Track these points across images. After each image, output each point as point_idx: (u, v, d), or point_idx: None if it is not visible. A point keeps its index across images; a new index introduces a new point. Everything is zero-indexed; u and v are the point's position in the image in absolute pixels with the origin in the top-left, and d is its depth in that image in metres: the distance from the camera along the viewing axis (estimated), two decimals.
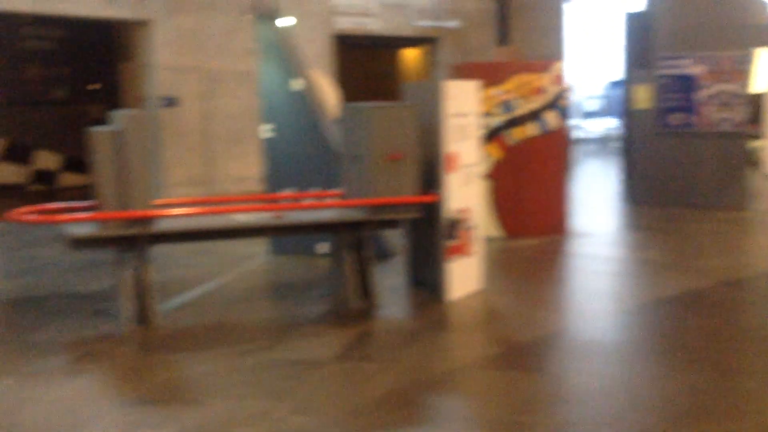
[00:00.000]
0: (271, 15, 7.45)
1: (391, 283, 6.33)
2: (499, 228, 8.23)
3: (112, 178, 5.14)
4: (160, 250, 5.91)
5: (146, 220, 5.22)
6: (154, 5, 11.36)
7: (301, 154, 7.36)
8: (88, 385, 4.37)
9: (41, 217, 5.30)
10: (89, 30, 13.24)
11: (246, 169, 12.27)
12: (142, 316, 5.37)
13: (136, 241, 5.27)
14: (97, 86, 14.13)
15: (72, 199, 10.55)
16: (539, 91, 8.18)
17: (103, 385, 4.43)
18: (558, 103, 8.28)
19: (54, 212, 5.55)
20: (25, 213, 5.31)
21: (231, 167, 12.22)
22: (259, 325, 5.64)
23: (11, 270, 7.47)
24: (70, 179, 13.80)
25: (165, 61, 11.55)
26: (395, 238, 7.13)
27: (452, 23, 14.47)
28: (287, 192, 7.27)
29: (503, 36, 14.75)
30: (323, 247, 7.28)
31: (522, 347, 4.95)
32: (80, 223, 5.27)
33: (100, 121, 13.16)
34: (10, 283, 6.85)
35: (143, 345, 5.10)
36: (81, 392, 4.26)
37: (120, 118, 5.24)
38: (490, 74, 8.02)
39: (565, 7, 16.29)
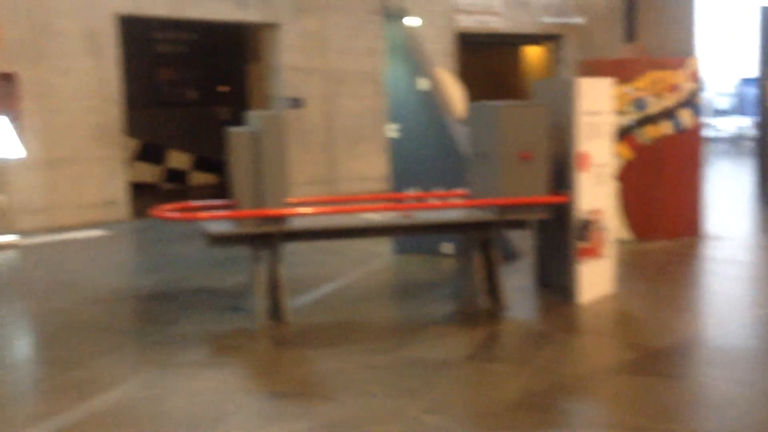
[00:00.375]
0: (399, 14, 7.51)
1: (517, 284, 6.26)
2: (628, 230, 8.01)
3: (248, 178, 5.30)
4: (288, 248, 6.04)
5: (280, 219, 5.35)
6: (281, 8, 11.65)
7: (425, 154, 7.38)
8: (226, 378, 4.51)
9: (182, 215, 5.51)
10: (219, 33, 13.70)
11: (367, 169, 12.42)
12: (275, 312, 5.51)
13: (270, 238, 5.42)
14: (226, 88, 14.60)
15: (201, 197, 10.96)
16: (673, 88, 7.91)
17: (240, 378, 4.57)
18: (693, 101, 7.99)
19: (194, 210, 5.77)
20: (168, 210, 5.54)
21: (352, 167, 12.39)
22: (387, 323, 5.69)
23: (150, 265, 7.82)
24: (199, 178, 14.33)
25: (291, 62, 11.82)
26: (520, 239, 7.04)
27: (577, 19, 14.20)
28: (411, 191, 7.30)
29: (630, 32, 14.35)
30: (448, 247, 7.27)
31: (657, 352, 4.80)
32: (218, 220, 5.46)
33: (229, 122, 13.61)
34: (150, 278, 7.17)
35: (276, 340, 5.23)
36: (220, 384, 4.40)
37: (256, 118, 5.40)
38: (620, 71, 7.80)
39: (696, 1, 15.68)
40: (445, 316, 5.65)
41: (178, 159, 14.14)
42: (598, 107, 5.76)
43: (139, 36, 12.77)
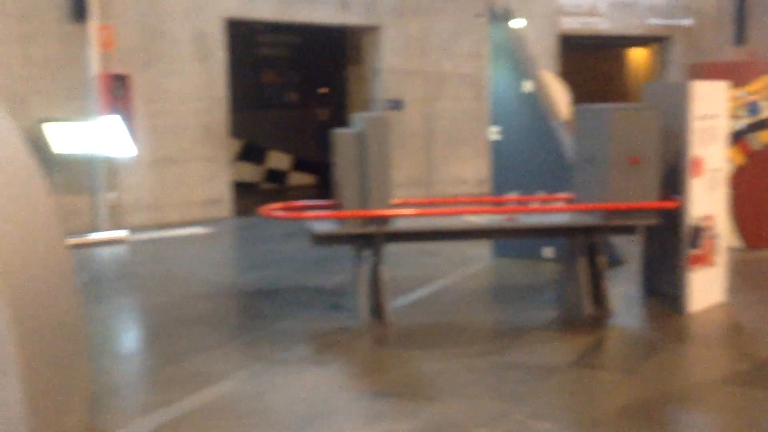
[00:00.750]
0: (505, 16, 7.45)
1: (623, 291, 6.11)
2: (739, 238, 7.72)
3: (352, 178, 5.35)
4: (388, 249, 6.07)
5: (383, 219, 5.38)
6: (384, 10, 11.72)
7: (528, 157, 7.29)
8: (329, 375, 4.56)
9: (289, 214, 5.61)
10: (320, 36, 13.88)
11: (465, 172, 12.37)
12: (376, 312, 5.54)
13: (373, 239, 5.45)
14: (326, 90, 14.79)
15: (299, 197, 11.12)
16: None
17: (343, 376, 4.61)
18: None
19: (298, 209, 5.86)
20: (275, 209, 5.64)
21: (450, 169, 12.36)
22: (488, 327, 5.64)
23: (253, 262, 7.98)
24: (298, 178, 14.55)
25: (392, 64, 11.88)
26: (625, 245, 6.88)
27: (686, 21, 13.78)
28: (512, 195, 7.23)
29: (740, 34, 13.84)
30: (549, 251, 7.17)
31: None
32: (322, 220, 5.53)
33: (328, 124, 13.75)
34: (253, 275, 7.32)
35: (378, 340, 5.26)
36: (323, 381, 4.45)
37: (361, 120, 5.44)
38: (732, 74, 7.51)
39: None
40: (548, 321, 5.56)
41: (279, 159, 14.39)
42: (712, 111, 5.58)
43: (243, 39, 13.06)
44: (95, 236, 8.81)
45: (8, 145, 3.52)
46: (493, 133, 7.49)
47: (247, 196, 11.93)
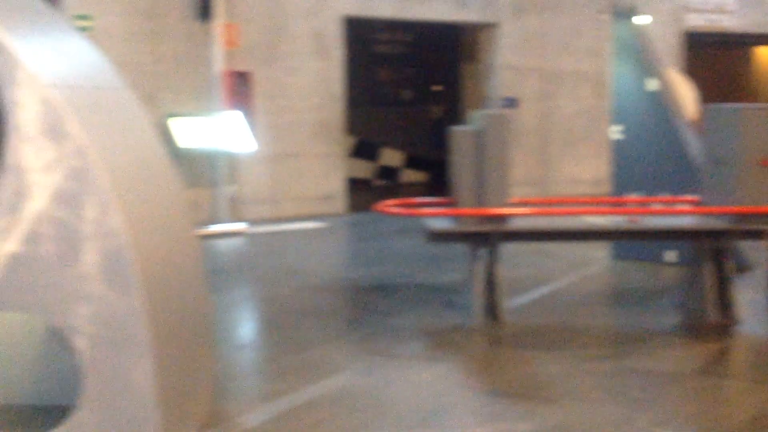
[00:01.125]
0: (629, 13, 7.25)
1: (750, 297, 5.85)
2: None
3: (469, 176, 5.32)
4: (503, 248, 6.01)
5: (501, 218, 5.32)
6: (501, 7, 11.62)
7: (651, 157, 7.07)
8: (444, 373, 4.55)
9: (405, 210, 5.63)
10: (436, 33, 13.89)
11: (581, 171, 12.12)
12: (491, 311, 5.50)
13: (489, 237, 5.40)
14: (439, 88, 14.78)
15: (411, 194, 11.15)
16: None
17: (459, 374, 4.59)
18: None
19: (414, 206, 5.87)
20: (391, 206, 5.67)
21: (566, 169, 12.14)
22: (607, 330, 5.51)
23: (367, 257, 8.06)
24: (410, 176, 14.60)
25: (507, 61, 11.76)
26: (753, 250, 6.58)
27: None
28: (633, 196, 7.02)
29: None
30: (672, 255, 6.93)
31: None
32: (438, 217, 5.52)
33: (441, 121, 13.73)
34: (367, 270, 7.39)
35: (493, 339, 5.21)
36: (439, 378, 4.44)
37: (480, 117, 5.40)
38: None
39: None
40: (670, 327, 5.38)
41: (391, 156, 14.48)
42: None
43: (360, 37, 13.20)
44: (216, 228, 9.09)
45: (145, 139, 3.67)
46: (615, 132, 7.30)
47: (359, 193, 12.06)
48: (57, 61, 3.23)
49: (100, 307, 2.97)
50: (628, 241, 6.89)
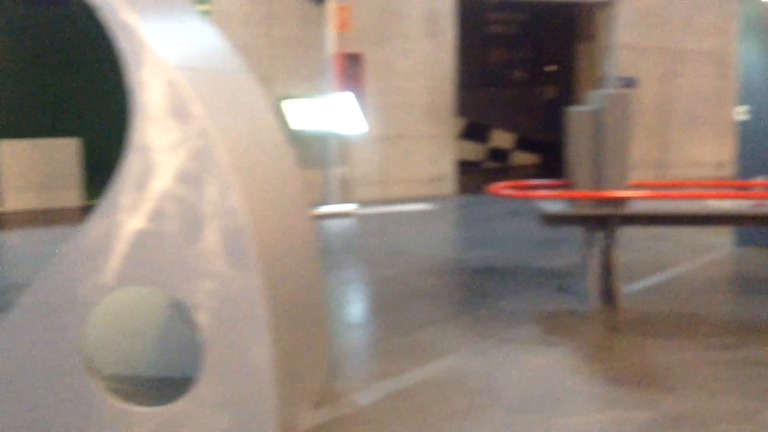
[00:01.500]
0: None
1: None
2: None
3: (587, 158, 5.18)
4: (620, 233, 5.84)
5: (619, 201, 5.17)
6: None
7: None
8: (558, 358, 4.46)
9: (517, 193, 5.54)
10: (550, 12, 13.60)
11: (702, 153, 11.67)
12: (607, 297, 5.36)
13: (607, 221, 5.26)
14: (553, 68, 14.48)
15: (522, 177, 10.99)
16: None
17: (574, 360, 4.49)
18: None
19: (527, 188, 5.78)
20: (504, 188, 5.60)
21: (686, 151, 11.71)
22: (728, 319, 5.28)
23: (476, 240, 8.00)
24: (521, 158, 14.40)
25: (626, 40, 11.40)
26: None
27: None
28: (760, 179, 6.69)
29: None
30: None
31: None
32: (552, 200, 5.41)
33: (554, 102, 13.46)
34: (476, 252, 7.33)
35: (609, 325, 5.08)
36: (553, 364, 4.36)
37: (598, 97, 5.25)
38: None
39: None
40: None
41: (502, 138, 14.31)
42: None
43: (472, 17, 13.05)
44: (326, 209, 9.20)
45: (263, 120, 3.73)
46: (741, 113, 6.97)
47: (468, 175, 11.98)
48: (181, 44, 3.31)
49: (220, 285, 3.04)
50: (753, 226, 6.58)
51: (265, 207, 3.32)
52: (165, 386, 3.87)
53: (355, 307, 5.91)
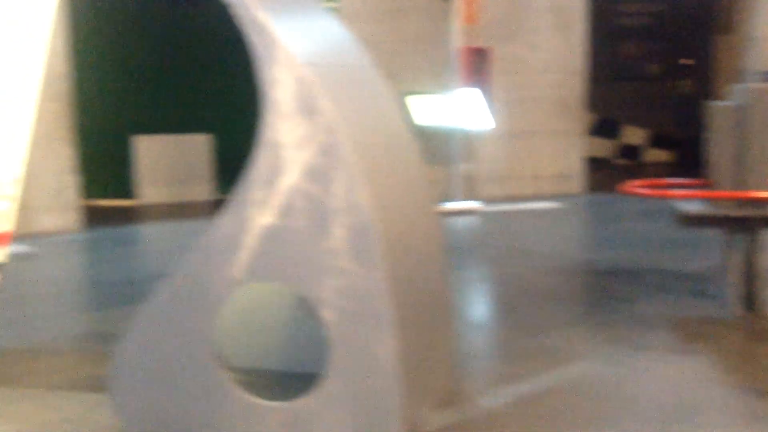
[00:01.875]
0: None
1: None
2: None
3: (730, 156, 4.90)
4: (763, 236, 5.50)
5: (763, 202, 4.86)
6: None
7: None
8: (697, 367, 4.22)
9: (653, 192, 5.31)
10: (685, 3, 13.03)
11: None
12: (749, 302, 5.05)
13: (750, 223, 4.95)
14: (689, 61, 13.88)
15: (655, 174, 10.58)
16: None
17: (714, 369, 4.24)
18: None
19: (663, 187, 5.52)
20: (639, 186, 5.37)
21: None
22: None
23: (605, 240, 7.74)
24: (654, 155, 13.87)
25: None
26: None
27: None
28: None
29: None
30: None
31: None
32: (690, 200, 5.15)
33: (690, 97, 12.90)
34: (605, 253, 7.08)
35: (751, 333, 4.78)
36: (691, 373, 4.13)
37: (742, 92, 4.95)
38: None
39: None
40: None
41: (634, 134, 13.83)
42: None
43: (603, 9, 12.66)
44: (450, 206, 9.13)
45: (390, 117, 3.69)
46: None
47: (598, 172, 11.64)
48: (310, 40, 3.31)
49: (347, 282, 3.02)
50: None
51: (392, 203, 3.27)
52: (293, 381, 3.89)
53: (480, 306, 5.82)
